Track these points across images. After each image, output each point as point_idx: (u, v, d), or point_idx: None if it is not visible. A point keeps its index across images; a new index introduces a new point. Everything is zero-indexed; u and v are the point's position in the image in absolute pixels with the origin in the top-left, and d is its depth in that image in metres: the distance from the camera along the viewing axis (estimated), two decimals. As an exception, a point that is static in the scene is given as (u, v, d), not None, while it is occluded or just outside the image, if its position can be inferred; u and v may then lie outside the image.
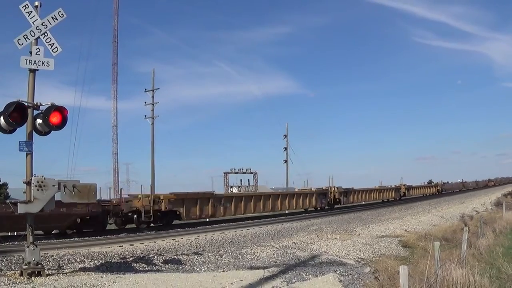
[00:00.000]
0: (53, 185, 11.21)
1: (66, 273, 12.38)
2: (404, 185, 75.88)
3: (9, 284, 10.26)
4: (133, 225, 30.01)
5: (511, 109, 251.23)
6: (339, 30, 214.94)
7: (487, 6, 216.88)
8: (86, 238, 23.21)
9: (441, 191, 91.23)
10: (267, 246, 19.99)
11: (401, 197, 71.67)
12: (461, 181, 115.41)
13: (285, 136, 60.25)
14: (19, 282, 10.46)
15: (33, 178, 11.08)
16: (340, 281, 12.72)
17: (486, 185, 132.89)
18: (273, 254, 18.02)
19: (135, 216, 29.53)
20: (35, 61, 11.54)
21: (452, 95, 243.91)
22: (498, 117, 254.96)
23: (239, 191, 53.49)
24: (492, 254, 15.78)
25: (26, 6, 11.74)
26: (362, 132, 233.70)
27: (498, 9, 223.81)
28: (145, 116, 50.78)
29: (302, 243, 21.35)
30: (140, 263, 15.60)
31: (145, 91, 51.07)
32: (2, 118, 11.26)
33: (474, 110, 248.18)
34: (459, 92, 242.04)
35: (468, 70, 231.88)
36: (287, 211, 45.82)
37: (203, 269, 14.88)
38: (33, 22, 11.69)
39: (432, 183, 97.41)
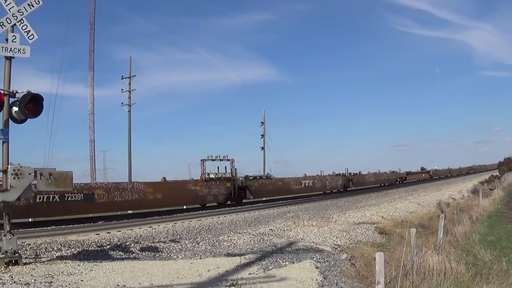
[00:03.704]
0: (30, 173, 11.13)
1: (44, 261, 12.34)
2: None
3: (-15, 273, 10.19)
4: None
5: (489, 97, 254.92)
6: (320, 18, 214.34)
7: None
8: (63, 226, 23.03)
9: None
10: (244, 233, 20.10)
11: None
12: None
13: (262, 123, 60.28)
14: (-5, 271, 10.40)
15: (9, 166, 10.99)
16: (317, 267, 12.85)
17: (403, 179, 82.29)
18: (250, 241, 18.14)
19: None
20: (11, 48, 11.43)
21: (430, 83, 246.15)
22: (476, 105, 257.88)
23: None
24: (469, 241, 15.89)
25: (2, -7, 11.60)
26: (340, 119, 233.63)
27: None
28: (122, 103, 50.55)
29: (279, 230, 21.51)
30: (117, 251, 15.60)
31: (121, 78, 50.86)
32: (-23, 106, 11.14)
33: (452, 97, 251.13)
34: (438, 80, 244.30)
35: (448, 58, 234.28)
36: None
37: (180, 257, 14.93)
38: (9, 9, 11.56)
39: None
